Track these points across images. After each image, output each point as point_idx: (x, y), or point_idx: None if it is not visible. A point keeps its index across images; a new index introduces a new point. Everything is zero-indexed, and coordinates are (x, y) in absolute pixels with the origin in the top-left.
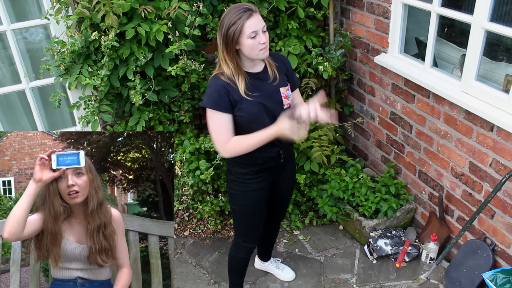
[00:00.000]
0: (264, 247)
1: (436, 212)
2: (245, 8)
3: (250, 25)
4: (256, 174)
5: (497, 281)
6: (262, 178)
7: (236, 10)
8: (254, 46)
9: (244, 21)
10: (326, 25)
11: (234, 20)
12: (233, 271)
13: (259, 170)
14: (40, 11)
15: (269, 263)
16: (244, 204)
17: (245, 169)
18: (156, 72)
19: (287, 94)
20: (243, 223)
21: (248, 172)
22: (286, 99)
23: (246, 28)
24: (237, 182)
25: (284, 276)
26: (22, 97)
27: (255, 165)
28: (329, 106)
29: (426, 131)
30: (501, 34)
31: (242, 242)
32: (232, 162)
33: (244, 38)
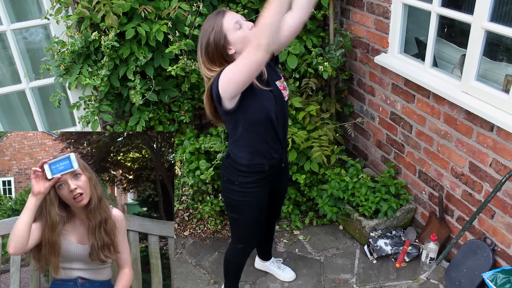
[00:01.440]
0: (264, 246)
1: (436, 212)
2: (216, 12)
3: (229, 20)
4: (261, 181)
5: (497, 281)
6: (266, 185)
7: (208, 18)
8: (245, 35)
9: (221, 20)
10: (326, 25)
11: (211, 25)
12: (231, 274)
13: (264, 177)
14: (40, 11)
15: (270, 263)
16: (248, 213)
17: (252, 178)
18: (156, 72)
19: (284, 86)
20: (246, 230)
21: (254, 181)
22: (285, 91)
23: (226, 24)
24: (240, 192)
25: (285, 277)
26: (22, 97)
27: (262, 172)
28: (329, 106)
29: (426, 131)
30: (501, 34)
31: (243, 248)
32: (236, 172)
33: (231, 34)
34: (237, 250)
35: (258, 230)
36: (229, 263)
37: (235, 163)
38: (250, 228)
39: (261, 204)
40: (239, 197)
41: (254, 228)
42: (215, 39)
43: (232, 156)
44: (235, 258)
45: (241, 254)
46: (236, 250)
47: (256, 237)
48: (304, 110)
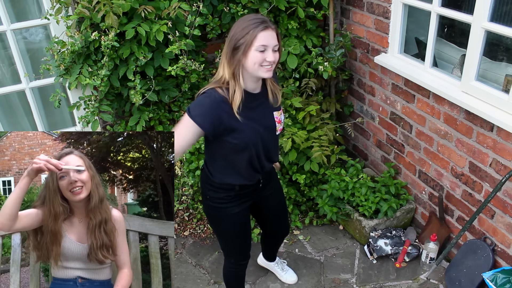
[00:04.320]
0: (268, 250)
1: (436, 212)
2: (262, 18)
3: (262, 37)
4: (232, 198)
5: (497, 281)
6: (240, 201)
7: (252, 18)
8: (258, 60)
9: (258, 32)
10: (326, 25)
11: (249, 28)
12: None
13: (235, 195)
14: (40, 11)
15: (275, 263)
16: (224, 228)
17: (221, 194)
18: (156, 72)
19: (280, 119)
20: (230, 245)
21: (224, 197)
22: (279, 124)
23: (257, 38)
24: (211, 206)
25: (287, 279)
26: (22, 97)
27: (231, 190)
28: (329, 106)
29: (426, 131)
30: (501, 34)
31: (236, 261)
32: (207, 185)
33: (252, 49)
34: (230, 265)
35: (242, 245)
36: (228, 278)
37: (207, 177)
38: (232, 243)
39: (236, 220)
40: (211, 210)
41: (236, 244)
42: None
43: (205, 171)
44: (231, 273)
45: (236, 268)
46: (230, 265)
47: (242, 252)
48: (304, 110)
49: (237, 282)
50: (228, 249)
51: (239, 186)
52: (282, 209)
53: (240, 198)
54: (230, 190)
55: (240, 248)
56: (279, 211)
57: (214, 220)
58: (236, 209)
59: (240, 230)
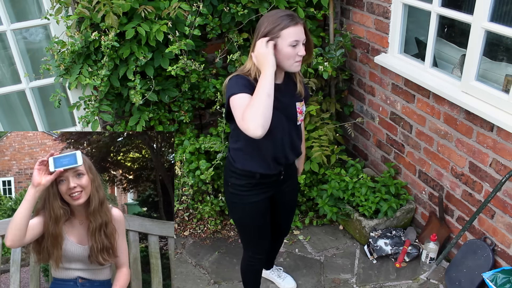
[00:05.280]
0: (266, 257)
1: (436, 212)
2: (292, 15)
3: (293, 33)
4: (253, 186)
5: (497, 281)
6: (260, 190)
7: (282, 13)
8: (291, 55)
9: (290, 27)
10: (326, 25)
11: (278, 22)
12: (249, 284)
13: (256, 183)
14: (40, 11)
15: (271, 271)
16: (243, 216)
17: (242, 181)
18: (156, 72)
19: (302, 109)
20: (248, 236)
21: (245, 184)
22: (300, 115)
23: (288, 33)
24: (233, 194)
25: (285, 286)
26: (22, 97)
27: (252, 178)
28: (329, 106)
29: (426, 131)
30: (501, 34)
31: (253, 254)
32: (229, 172)
33: (284, 45)
34: (248, 258)
35: (260, 236)
36: (245, 272)
37: (230, 164)
38: (250, 234)
39: (256, 210)
40: (232, 198)
41: (254, 235)
42: (269, 32)
43: (229, 157)
44: (249, 267)
45: (253, 262)
46: (248, 258)
47: (261, 242)
48: None
49: (252, 276)
50: (245, 241)
51: (260, 175)
52: (292, 208)
53: (261, 187)
54: (251, 177)
55: (257, 240)
56: (290, 208)
57: (234, 209)
58: (255, 198)
59: (258, 221)
